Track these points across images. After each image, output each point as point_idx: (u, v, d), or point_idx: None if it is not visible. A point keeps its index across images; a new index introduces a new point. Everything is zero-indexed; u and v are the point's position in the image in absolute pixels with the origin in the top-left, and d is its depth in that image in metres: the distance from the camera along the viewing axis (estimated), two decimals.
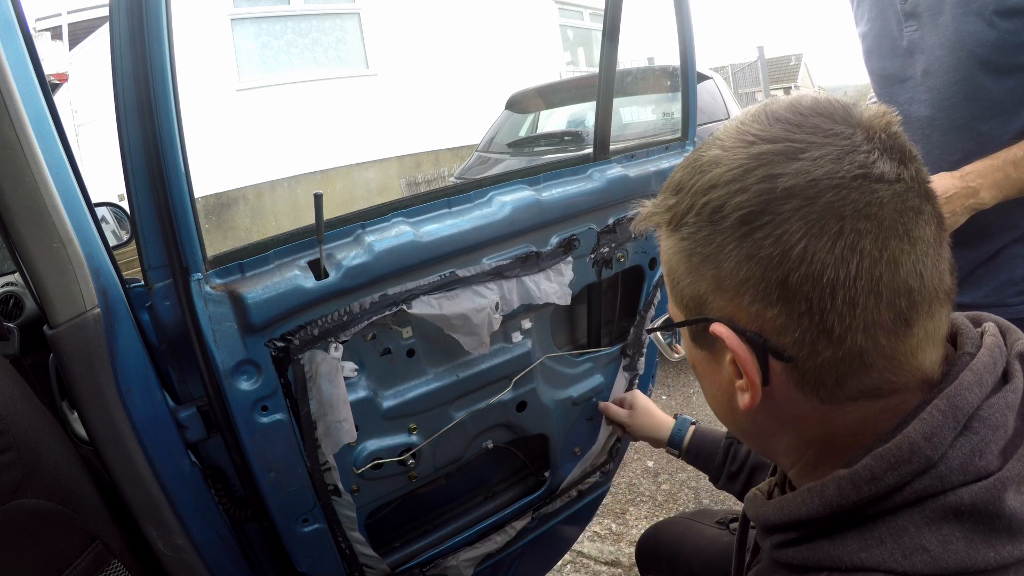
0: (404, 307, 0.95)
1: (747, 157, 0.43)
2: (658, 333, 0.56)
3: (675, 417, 1.13)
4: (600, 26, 1.16)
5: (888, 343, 0.42)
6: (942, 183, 1.00)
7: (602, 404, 1.24)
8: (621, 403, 1.22)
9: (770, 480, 0.62)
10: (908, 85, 1.10)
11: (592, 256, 1.14)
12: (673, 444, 1.10)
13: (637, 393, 1.23)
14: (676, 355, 0.59)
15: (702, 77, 3.24)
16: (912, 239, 0.41)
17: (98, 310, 0.75)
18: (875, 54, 1.16)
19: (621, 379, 1.32)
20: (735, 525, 1.06)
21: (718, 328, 0.45)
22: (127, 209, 0.85)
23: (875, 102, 1.48)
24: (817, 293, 0.41)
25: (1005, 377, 0.45)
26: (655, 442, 1.14)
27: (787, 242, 0.41)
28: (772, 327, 0.43)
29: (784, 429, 0.49)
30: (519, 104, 3.96)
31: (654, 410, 1.18)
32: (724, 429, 1.08)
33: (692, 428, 1.09)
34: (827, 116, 0.43)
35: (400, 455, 1.05)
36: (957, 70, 1.02)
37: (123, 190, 0.77)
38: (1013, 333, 0.49)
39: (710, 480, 1.05)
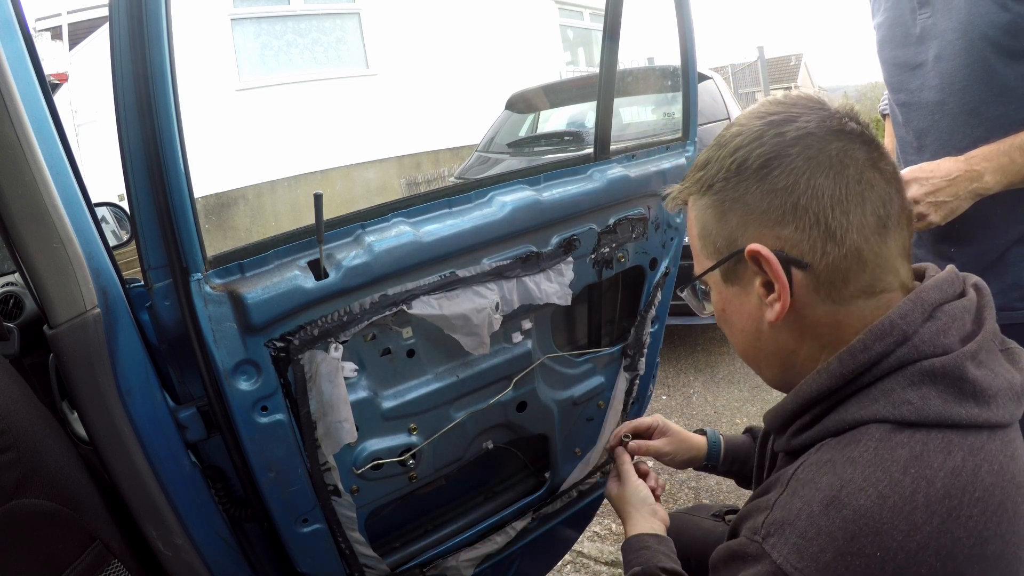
0: (404, 307, 0.95)
1: (761, 124, 0.60)
2: (691, 293, 0.71)
3: (702, 432, 1.09)
4: (600, 26, 1.16)
5: (876, 243, 0.57)
6: (946, 166, 0.99)
7: (632, 444, 1.07)
8: (648, 432, 1.09)
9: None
10: (919, 72, 1.10)
11: (593, 256, 1.14)
12: (711, 458, 1.07)
13: (660, 418, 1.10)
14: (705, 312, 0.69)
15: (702, 77, 3.24)
16: (879, 170, 0.58)
17: (98, 310, 0.74)
18: (888, 43, 1.17)
19: (622, 379, 1.32)
20: (731, 517, 1.06)
21: (754, 246, 0.58)
22: (127, 209, 0.84)
23: (886, 103, 1.47)
24: (820, 207, 0.56)
25: (961, 295, 0.59)
26: (692, 463, 1.08)
27: (795, 173, 0.57)
28: (789, 243, 0.57)
29: (803, 339, 0.61)
30: (519, 104, 3.96)
31: (685, 432, 1.09)
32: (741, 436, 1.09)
33: (723, 438, 1.08)
34: (809, 99, 0.62)
35: (400, 455, 1.05)
36: (968, 53, 1.01)
37: (123, 190, 0.76)
38: (971, 276, 0.63)
39: (738, 484, 1.05)
